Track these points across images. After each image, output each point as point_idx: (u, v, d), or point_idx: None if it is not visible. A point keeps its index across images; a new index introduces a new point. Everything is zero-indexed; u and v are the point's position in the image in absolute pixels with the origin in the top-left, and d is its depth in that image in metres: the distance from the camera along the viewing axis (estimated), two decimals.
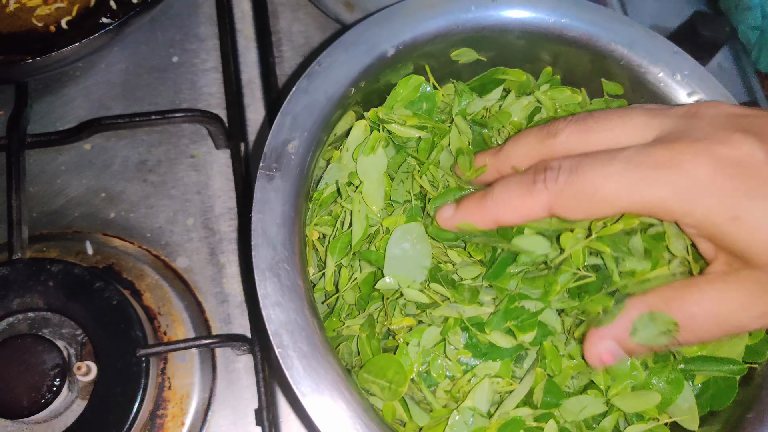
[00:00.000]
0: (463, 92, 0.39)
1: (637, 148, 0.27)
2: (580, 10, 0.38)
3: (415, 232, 0.30)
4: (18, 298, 0.39)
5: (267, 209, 0.29)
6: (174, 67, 0.52)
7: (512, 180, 0.30)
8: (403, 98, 0.37)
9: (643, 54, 0.38)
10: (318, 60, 0.34)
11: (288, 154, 0.31)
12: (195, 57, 0.53)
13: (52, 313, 0.39)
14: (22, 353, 0.36)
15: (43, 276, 0.39)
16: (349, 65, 0.34)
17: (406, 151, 0.35)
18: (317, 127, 0.33)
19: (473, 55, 0.39)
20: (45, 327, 0.39)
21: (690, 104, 0.30)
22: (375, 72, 0.36)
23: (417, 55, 0.37)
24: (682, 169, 0.25)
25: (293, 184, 0.30)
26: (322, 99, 0.33)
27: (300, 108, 0.33)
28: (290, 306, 0.27)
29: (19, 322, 0.39)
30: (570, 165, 0.28)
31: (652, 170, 0.26)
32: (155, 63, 0.52)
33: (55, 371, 0.36)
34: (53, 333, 0.39)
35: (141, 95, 0.51)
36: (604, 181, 0.27)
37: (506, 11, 0.38)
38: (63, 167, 0.48)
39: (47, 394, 0.36)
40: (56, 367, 0.36)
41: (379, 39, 0.35)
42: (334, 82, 0.34)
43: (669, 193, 0.26)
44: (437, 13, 0.37)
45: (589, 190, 0.27)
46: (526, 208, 0.29)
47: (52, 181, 0.47)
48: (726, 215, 0.25)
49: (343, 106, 0.34)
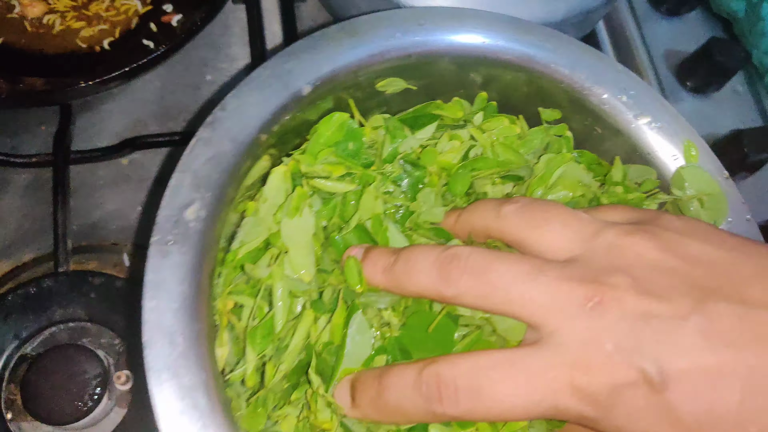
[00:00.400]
0: (395, 130, 0.35)
1: (541, 354, 0.24)
2: (517, 31, 0.35)
3: (355, 325, 0.26)
4: (61, 309, 0.42)
5: (162, 293, 0.24)
6: (207, 84, 0.54)
7: (404, 389, 0.25)
8: (326, 141, 0.33)
9: (585, 75, 0.35)
10: (222, 103, 0.30)
11: (186, 221, 0.26)
12: (227, 76, 0.55)
13: (92, 323, 0.42)
14: (64, 362, 0.38)
15: (84, 288, 0.42)
16: (258, 108, 0.30)
17: (333, 205, 0.31)
18: (223, 184, 0.28)
19: (401, 84, 0.35)
20: (85, 337, 0.42)
21: (607, 231, 0.26)
22: (290, 113, 0.31)
23: (338, 89, 0.33)
24: (589, 375, 0.24)
25: (194, 256, 0.26)
26: (228, 149, 0.29)
27: (201, 162, 0.28)
28: (195, 415, 0.22)
29: (60, 331, 0.42)
30: (468, 381, 0.25)
31: (560, 386, 0.24)
32: (189, 81, 0.54)
33: (96, 380, 0.38)
34: (93, 343, 0.41)
35: (176, 113, 0.53)
36: (511, 397, 0.24)
37: (435, 35, 0.34)
38: (101, 181, 0.50)
39: (89, 402, 0.38)
40: (97, 376, 0.38)
41: (293, 75, 0.31)
42: (242, 128, 0.29)
43: (577, 401, 0.24)
44: (359, 41, 0.33)
45: (497, 409, 0.24)
46: (422, 420, 0.26)
47: (91, 195, 0.49)
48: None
49: (253, 155, 0.30)
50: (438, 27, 0.34)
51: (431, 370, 0.25)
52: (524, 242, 0.27)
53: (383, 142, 0.35)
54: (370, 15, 0.34)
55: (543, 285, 0.24)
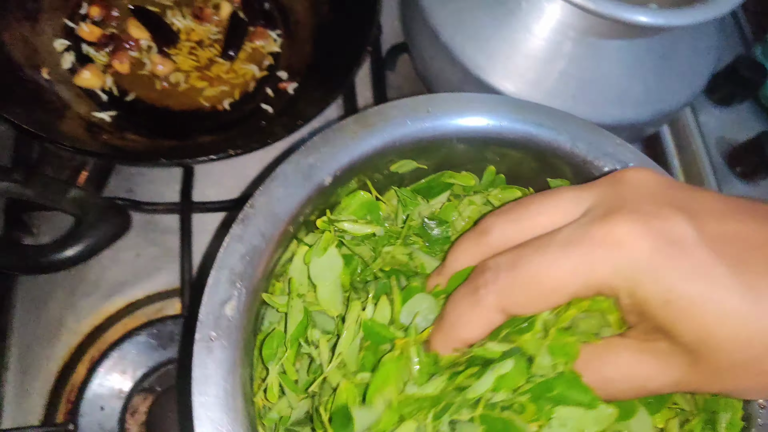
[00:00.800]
0: (407, 199, 0.38)
1: (572, 228, 0.26)
2: (518, 111, 0.37)
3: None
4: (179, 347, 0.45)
5: (209, 389, 0.27)
6: (309, 137, 0.57)
7: (457, 294, 0.29)
8: (348, 214, 0.36)
9: (586, 149, 0.37)
10: (251, 201, 0.32)
11: (226, 316, 0.29)
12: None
13: None
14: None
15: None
16: (285, 202, 0.33)
17: (359, 257, 0.34)
18: (258, 278, 0.31)
19: (413, 164, 0.38)
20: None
21: (615, 171, 0.29)
22: (314, 202, 0.34)
23: (356, 174, 0.36)
24: (622, 248, 0.25)
25: (235, 351, 0.28)
26: (260, 244, 0.31)
27: (236, 259, 0.30)
28: None
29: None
30: (507, 260, 0.27)
31: (592, 249, 0.25)
32: (291, 137, 0.54)
33: None
34: None
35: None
36: (547, 268, 0.26)
37: (442, 120, 0.37)
38: (209, 227, 0.54)
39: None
40: None
41: (314, 169, 0.34)
42: (272, 222, 0.32)
43: (612, 272, 0.25)
44: (372, 132, 0.35)
45: (534, 281, 0.26)
46: (481, 318, 0.27)
47: (206, 240, 0.53)
48: (661, 298, 0.25)
49: (282, 245, 0.32)
50: (445, 112, 0.37)
51: (477, 267, 0.28)
52: (526, 235, 0.28)
53: (397, 209, 0.38)
54: (381, 105, 0.36)
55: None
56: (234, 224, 0.31)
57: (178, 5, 0.62)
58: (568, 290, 0.26)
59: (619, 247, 0.25)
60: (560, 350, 0.27)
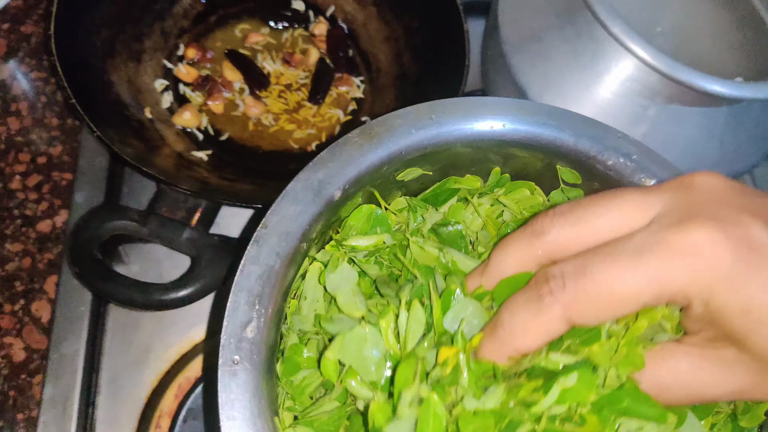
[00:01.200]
0: (417, 207, 0.38)
1: (645, 234, 0.26)
2: (521, 112, 0.38)
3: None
4: None
5: (236, 413, 0.27)
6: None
7: (517, 301, 0.28)
8: (357, 231, 0.36)
9: (589, 144, 0.38)
10: (263, 221, 0.33)
11: (248, 338, 0.29)
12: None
13: None
14: None
15: None
16: (296, 220, 0.33)
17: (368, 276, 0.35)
18: (276, 297, 0.31)
19: (419, 171, 0.38)
20: None
21: (682, 176, 0.28)
22: (325, 217, 0.34)
23: (364, 186, 0.36)
24: (700, 256, 0.24)
25: (258, 372, 0.29)
26: (276, 264, 0.32)
27: (254, 280, 0.31)
28: None
29: None
30: (575, 268, 0.26)
31: (669, 257, 0.25)
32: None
33: None
34: None
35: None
36: (620, 277, 0.25)
37: (446, 127, 0.37)
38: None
39: None
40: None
41: (323, 184, 0.34)
42: (285, 241, 0.32)
43: (689, 281, 0.24)
44: (378, 143, 0.36)
45: (605, 291, 0.25)
46: (543, 327, 0.26)
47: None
48: (739, 307, 0.24)
49: (296, 263, 0.33)
50: (448, 118, 0.37)
51: (540, 274, 0.27)
52: (585, 240, 0.27)
53: (408, 219, 0.38)
54: (386, 116, 0.37)
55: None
56: (249, 246, 0.32)
57: (269, 50, 0.65)
58: (641, 300, 0.25)
59: (698, 255, 0.24)
60: (627, 361, 0.26)
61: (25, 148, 0.56)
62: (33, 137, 0.57)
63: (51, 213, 0.54)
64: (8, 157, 0.56)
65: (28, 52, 0.61)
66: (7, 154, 0.56)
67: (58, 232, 0.54)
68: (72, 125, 0.58)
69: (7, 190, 0.55)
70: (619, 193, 0.28)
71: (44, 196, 0.55)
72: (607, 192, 0.28)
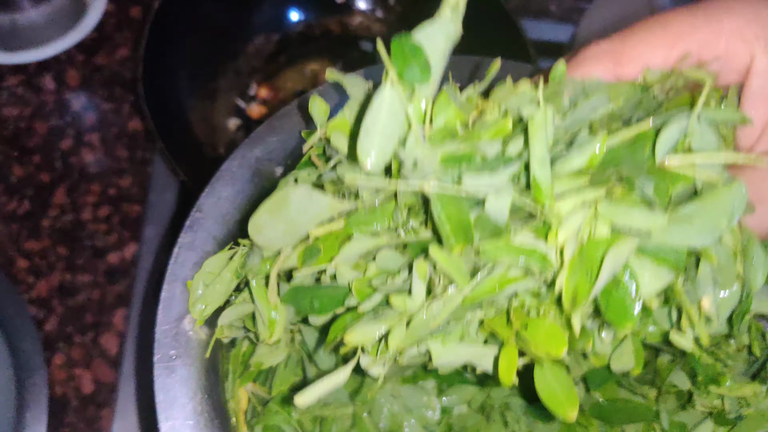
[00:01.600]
0: None
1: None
2: None
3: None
4: None
5: (176, 412, 0.25)
6: None
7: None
8: None
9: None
10: (197, 205, 0.30)
11: (185, 331, 0.27)
12: None
13: None
14: None
15: None
16: (234, 201, 0.30)
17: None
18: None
19: None
20: None
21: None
22: (265, 195, 0.32)
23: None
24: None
25: (200, 367, 0.26)
26: (214, 248, 0.29)
27: (189, 268, 0.28)
28: None
29: None
30: None
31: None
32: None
33: None
34: None
35: None
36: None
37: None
38: None
39: None
40: None
41: (262, 161, 0.32)
42: (222, 224, 0.30)
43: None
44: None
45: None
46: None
47: None
48: None
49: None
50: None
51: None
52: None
53: None
54: (321, 86, 0.34)
55: None
56: (182, 232, 0.29)
57: None
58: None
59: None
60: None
61: (97, 179, 0.57)
62: (104, 169, 0.57)
63: (120, 245, 0.54)
64: (80, 187, 0.56)
65: (101, 82, 0.61)
66: (79, 185, 0.56)
67: (128, 265, 0.53)
68: (141, 157, 0.58)
69: (79, 221, 0.55)
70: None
71: (114, 227, 0.54)
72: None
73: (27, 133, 0.58)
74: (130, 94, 0.61)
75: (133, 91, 0.61)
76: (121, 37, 0.63)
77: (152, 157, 0.58)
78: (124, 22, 0.64)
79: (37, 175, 0.56)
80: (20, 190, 0.55)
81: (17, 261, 0.52)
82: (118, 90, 0.61)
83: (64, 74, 0.61)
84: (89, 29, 0.62)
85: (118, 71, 0.62)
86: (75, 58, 0.62)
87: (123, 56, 0.62)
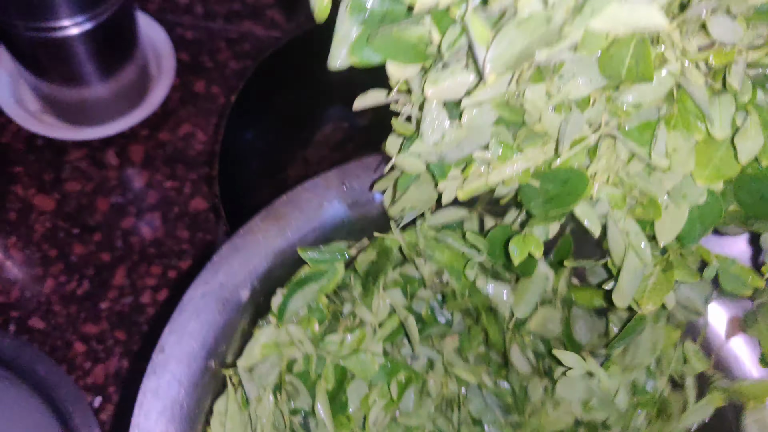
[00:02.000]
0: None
1: None
2: None
3: None
4: None
5: None
6: None
7: None
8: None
9: None
10: (159, 345, 0.30)
11: None
12: None
13: None
14: None
15: None
16: (199, 336, 0.30)
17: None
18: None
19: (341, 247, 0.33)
20: None
21: None
22: (234, 324, 0.31)
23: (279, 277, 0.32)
24: None
25: None
26: (179, 394, 0.29)
27: (154, 419, 0.28)
28: None
29: None
30: None
31: None
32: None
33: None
34: None
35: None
36: None
37: (363, 195, 0.32)
38: None
39: None
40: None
41: (226, 287, 0.31)
42: (187, 365, 0.29)
43: None
44: (287, 225, 0.32)
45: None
46: None
47: None
48: None
49: (203, 385, 0.30)
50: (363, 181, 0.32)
51: None
52: None
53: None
54: (291, 191, 0.32)
55: None
56: (144, 377, 0.29)
57: None
58: None
59: None
60: None
61: (157, 260, 0.56)
62: (164, 249, 0.56)
63: None
64: (140, 269, 0.55)
65: (164, 159, 0.61)
66: (139, 266, 0.56)
67: None
68: (202, 239, 0.57)
69: (138, 304, 0.54)
70: None
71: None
72: None
73: (89, 209, 0.58)
74: (192, 172, 0.60)
75: (195, 170, 0.60)
76: (185, 112, 0.62)
77: (215, 239, 0.56)
78: (188, 97, 0.63)
79: (97, 254, 0.56)
80: (80, 269, 0.55)
81: (74, 345, 0.52)
82: (180, 168, 0.60)
83: (128, 149, 0.61)
84: (155, 106, 0.62)
85: (182, 148, 0.61)
86: (139, 133, 0.61)
87: (186, 132, 0.62)
